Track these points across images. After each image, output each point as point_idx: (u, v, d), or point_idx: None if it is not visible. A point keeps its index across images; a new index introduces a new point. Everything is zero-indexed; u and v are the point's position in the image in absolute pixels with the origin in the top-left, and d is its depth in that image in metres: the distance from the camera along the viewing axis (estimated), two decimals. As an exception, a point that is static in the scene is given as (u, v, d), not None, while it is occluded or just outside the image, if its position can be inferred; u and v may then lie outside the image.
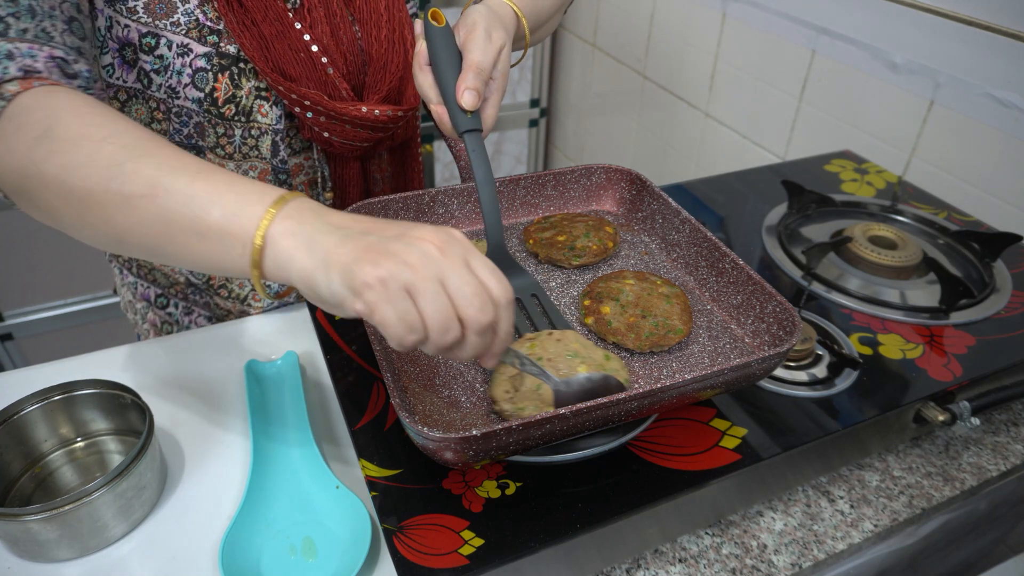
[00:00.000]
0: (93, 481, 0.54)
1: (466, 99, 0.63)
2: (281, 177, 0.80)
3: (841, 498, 0.66)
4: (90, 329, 2.00)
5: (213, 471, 0.64)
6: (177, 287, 0.88)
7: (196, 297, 0.88)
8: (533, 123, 2.31)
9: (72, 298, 1.96)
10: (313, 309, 0.74)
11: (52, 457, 0.64)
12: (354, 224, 0.49)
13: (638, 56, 1.79)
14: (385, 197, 0.76)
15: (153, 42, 0.69)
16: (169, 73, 0.70)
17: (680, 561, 0.60)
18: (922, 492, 0.66)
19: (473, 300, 0.46)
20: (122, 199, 0.51)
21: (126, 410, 0.64)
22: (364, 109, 0.75)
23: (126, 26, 0.68)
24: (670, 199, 0.77)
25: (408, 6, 0.84)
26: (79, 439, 0.65)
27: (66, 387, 0.62)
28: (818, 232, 0.95)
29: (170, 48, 0.69)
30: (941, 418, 0.67)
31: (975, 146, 1.03)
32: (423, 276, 0.45)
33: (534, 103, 2.28)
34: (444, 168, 2.25)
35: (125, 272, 0.90)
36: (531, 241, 0.78)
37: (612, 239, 0.77)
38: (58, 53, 0.58)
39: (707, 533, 0.62)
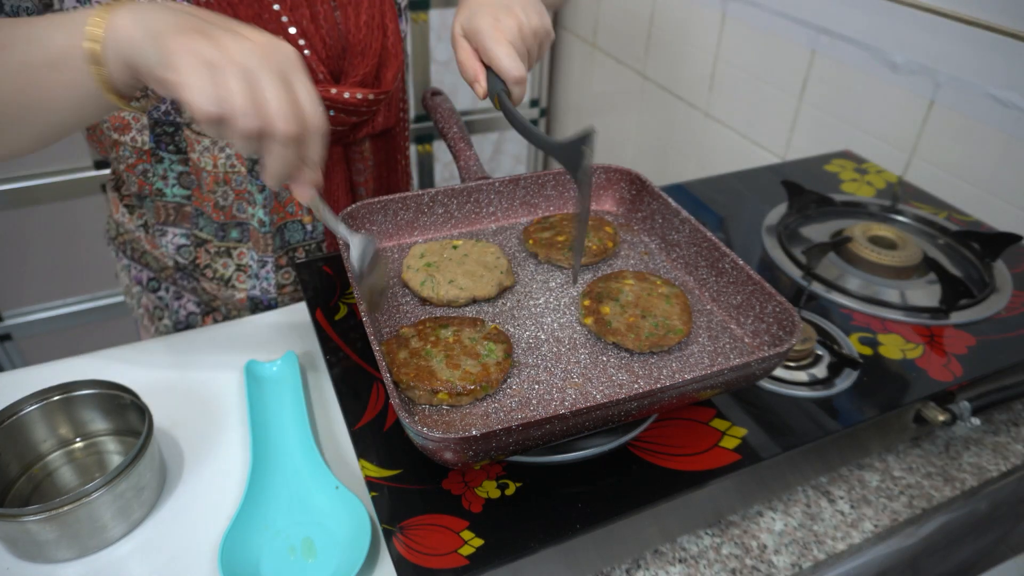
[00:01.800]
0: (92, 482, 0.54)
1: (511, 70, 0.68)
2: (255, 158, 0.80)
3: (841, 498, 0.66)
4: (89, 329, 2.00)
5: (212, 471, 0.64)
6: (167, 271, 0.89)
7: (184, 282, 0.90)
8: (533, 123, 2.30)
9: (71, 298, 1.96)
10: (313, 309, 0.74)
11: (51, 458, 0.64)
12: (191, 10, 0.50)
13: (638, 56, 1.79)
14: (385, 197, 0.76)
15: None
16: None
17: (680, 561, 0.60)
18: (922, 492, 0.66)
19: (279, 106, 0.46)
20: None
21: (125, 410, 0.64)
22: (334, 91, 0.76)
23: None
24: (670, 199, 0.77)
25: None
26: (78, 439, 0.65)
27: (65, 387, 0.62)
28: (818, 232, 0.95)
29: None
30: (941, 418, 0.67)
31: (975, 146, 1.03)
32: (234, 59, 0.45)
33: (534, 103, 2.28)
34: (444, 168, 2.25)
35: (121, 255, 0.92)
36: (531, 241, 0.77)
37: (612, 239, 0.77)
38: None
39: (707, 533, 0.62)
